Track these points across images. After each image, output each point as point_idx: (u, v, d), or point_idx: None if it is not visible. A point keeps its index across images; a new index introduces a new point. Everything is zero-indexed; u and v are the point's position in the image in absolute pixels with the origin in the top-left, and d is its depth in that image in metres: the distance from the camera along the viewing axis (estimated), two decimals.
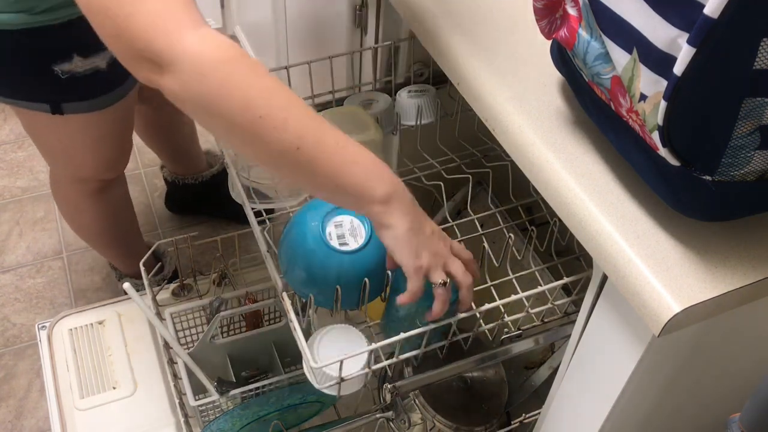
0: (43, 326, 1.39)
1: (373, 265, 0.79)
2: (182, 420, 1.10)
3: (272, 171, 0.76)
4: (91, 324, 1.38)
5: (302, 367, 1.09)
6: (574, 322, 0.79)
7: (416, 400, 1.03)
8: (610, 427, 0.77)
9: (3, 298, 1.66)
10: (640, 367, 0.68)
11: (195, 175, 1.73)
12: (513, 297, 0.83)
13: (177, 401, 1.12)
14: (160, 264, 1.45)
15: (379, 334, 0.90)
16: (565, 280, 0.84)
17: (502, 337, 0.89)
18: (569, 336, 0.81)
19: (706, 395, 0.86)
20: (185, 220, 1.85)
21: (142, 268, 1.18)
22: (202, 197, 1.77)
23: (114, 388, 1.29)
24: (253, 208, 0.89)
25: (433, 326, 0.77)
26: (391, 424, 1.05)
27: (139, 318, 1.38)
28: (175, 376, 1.13)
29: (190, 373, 1.09)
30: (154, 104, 1.45)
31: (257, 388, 1.08)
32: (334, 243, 0.79)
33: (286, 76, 0.99)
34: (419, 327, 0.77)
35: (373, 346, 0.77)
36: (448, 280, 0.73)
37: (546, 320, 0.89)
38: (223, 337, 1.14)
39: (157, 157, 1.83)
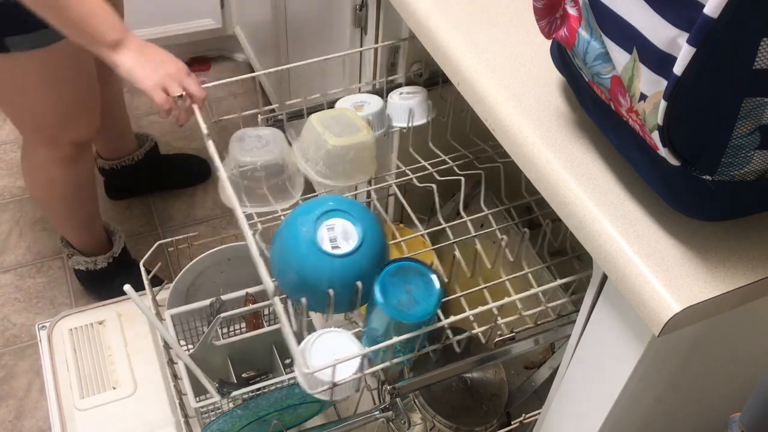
0: (43, 326, 1.39)
1: (366, 268, 0.78)
2: (182, 420, 1.10)
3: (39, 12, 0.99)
4: (91, 324, 1.39)
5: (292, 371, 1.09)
6: (574, 322, 0.79)
7: (416, 400, 1.03)
8: (610, 427, 0.77)
9: (3, 298, 1.66)
10: (640, 367, 0.68)
11: (129, 156, 1.76)
12: (513, 297, 0.83)
13: (177, 401, 1.12)
14: (110, 241, 1.57)
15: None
16: (565, 279, 0.84)
17: (496, 340, 0.88)
18: (569, 336, 0.81)
19: (706, 395, 0.86)
20: (185, 220, 1.86)
21: (142, 269, 1.18)
22: (140, 176, 1.83)
23: (114, 388, 1.29)
24: (244, 212, 0.88)
25: (403, 338, 0.76)
26: (391, 424, 1.05)
27: (139, 318, 1.38)
28: (175, 377, 1.13)
29: (191, 374, 1.09)
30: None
31: (258, 389, 1.08)
32: (326, 246, 0.78)
33: (287, 76, 0.99)
34: (393, 337, 0.76)
35: (365, 350, 0.76)
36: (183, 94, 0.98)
37: (546, 320, 0.89)
38: (223, 338, 1.14)
39: None
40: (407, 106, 1.00)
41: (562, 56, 0.72)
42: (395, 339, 0.75)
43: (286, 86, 1.69)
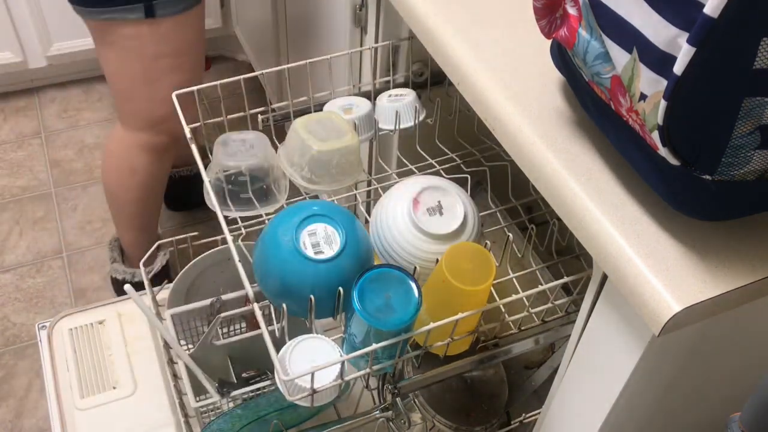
0: (43, 326, 1.39)
1: (348, 273, 0.77)
2: (182, 420, 1.10)
3: None
4: (91, 324, 1.38)
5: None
6: (574, 322, 0.79)
7: (416, 400, 1.03)
8: (610, 427, 0.77)
9: (3, 298, 1.66)
10: (640, 367, 0.68)
11: (189, 167, 1.73)
12: (513, 297, 0.83)
13: (177, 401, 1.12)
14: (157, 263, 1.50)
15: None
16: (565, 279, 0.84)
17: (479, 346, 0.88)
18: (569, 336, 0.81)
19: (706, 395, 0.86)
20: (185, 220, 1.86)
21: (142, 269, 1.18)
22: (197, 189, 1.79)
23: (114, 388, 1.29)
24: (227, 216, 0.88)
25: (382, 345, 0.75)
26: (391, 424, 1.05)
27: (139, 318, 1.38)
28: (175, 376, 1.13)
29: (191, 374, 1.09)
30: None
31: (258, 389, 1.08)
32: (309, 252, 0.77)
33: (286, 76, 0.99)
34: (372, 343, 0.75)
35: (344, 357, 0.76)
36: None
37: (546, 320, 0.89)
38: (223, 338, 1.14)
39: None
40: (394, 109, 0.99)
41: (562, 56, 0.72)
42: (374, 346, 0.75)
43: (285, 86, 1.69)
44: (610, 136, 0.68)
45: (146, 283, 1.18)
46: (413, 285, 0.76)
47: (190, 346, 1.21)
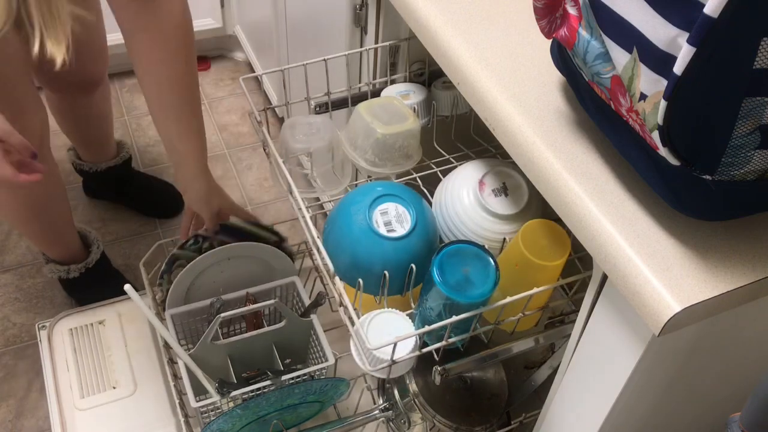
0: (43, 326, 1.39)
1: (419, 250, 0.81)
2: (182, 420, 1.10)
3: None
4: (91, 324, 1.39)
5: (302, 367, 1.09)
6: (574, 321, 0.80)
7: (416, 400, 1.03)
8: (610, 427, 0.77)
9: (3, 298, 1.66)
10: (640, 366, 0.68)
11: (98, 163, 1.71)
12: (512, 297, 0.83)
13: (177, 401, 1.12)
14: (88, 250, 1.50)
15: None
16: (565, 280, 0.84)
17: (546, 323, 0.89)
18: (569, 336, 0.81)
19: (706, 395, 0.86)
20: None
21: (142, 269, 1.18)
22: (108, 184, 1.78)
23: (114, 388, 1.29)
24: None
25: (461, 317, 0.77)
26: (391, 424, 1.05)
27: (139, 318, 1.38)
28: (175, 376, 1.13)
29: (191, 374, 1.09)
30: (69, 94, 1.47)
31: (258, 389, 1.08)
32: (382, 230, 0.81)
33: (287, 76, 0.99)
34: (446, 317, 0.78)
35: (424, 329, 0.78)
36: None
37: (547, 320, 0.89)
38: (223, 338, 1.14)
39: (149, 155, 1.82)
40: (452, 95, 1.02)
41: (562, 56, 0.72)
42: (453, 318, 0.77)
43: (286, 85, 1.69)
44: (610, 136, 0.68)
45: (146, 283, 1.18)
46: (491, 260, 0.78)
47: (190, 346, 1.21)
